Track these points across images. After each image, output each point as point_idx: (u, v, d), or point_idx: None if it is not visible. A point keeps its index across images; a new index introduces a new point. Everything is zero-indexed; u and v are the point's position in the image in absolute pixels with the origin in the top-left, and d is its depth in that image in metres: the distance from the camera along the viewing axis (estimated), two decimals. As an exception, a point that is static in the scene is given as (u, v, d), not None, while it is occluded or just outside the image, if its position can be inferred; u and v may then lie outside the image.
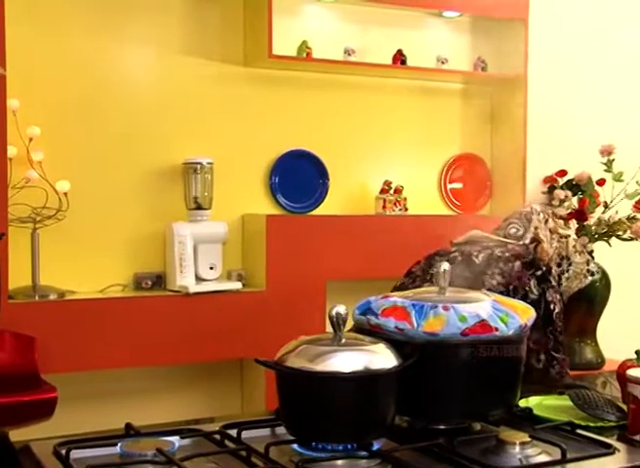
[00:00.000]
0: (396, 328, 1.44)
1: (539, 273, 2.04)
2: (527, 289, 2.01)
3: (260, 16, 3.04)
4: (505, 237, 2.19)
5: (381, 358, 1.36)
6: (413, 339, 1.43)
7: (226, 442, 1.40)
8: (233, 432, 1.42)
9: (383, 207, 3.33)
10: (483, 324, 1.42)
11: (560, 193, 3.60)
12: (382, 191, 3.36)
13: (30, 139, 2.74)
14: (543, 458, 1.34)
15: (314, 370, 1.32)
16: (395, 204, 3.34)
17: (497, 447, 1.37)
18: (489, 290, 1.94)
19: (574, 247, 2.25)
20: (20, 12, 2.76)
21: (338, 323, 1.39)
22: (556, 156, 3.72)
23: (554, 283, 2.05)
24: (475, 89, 3.68)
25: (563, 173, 3.68)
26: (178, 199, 3.03)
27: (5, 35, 2.54)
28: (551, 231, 2.24)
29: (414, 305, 1.46)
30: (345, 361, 1.33)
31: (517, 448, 1.35)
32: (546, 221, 2.25)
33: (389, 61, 3.38)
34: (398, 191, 3.37)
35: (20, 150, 2.71)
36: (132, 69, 3.03)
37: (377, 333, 1.46)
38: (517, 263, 2.04)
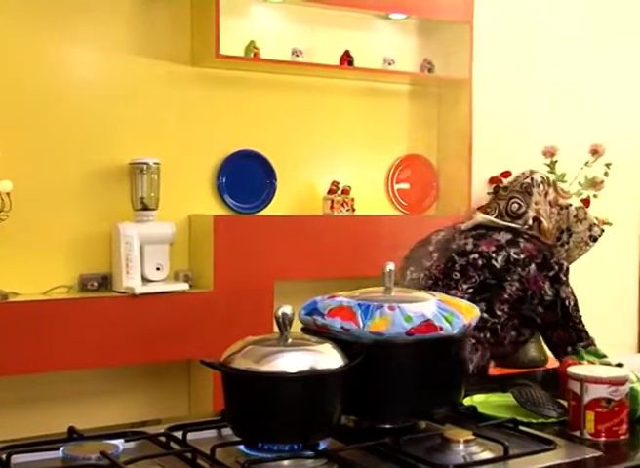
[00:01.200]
0: (342, 328, 1.45)
1: (552, 274, 2.10)
2: (542, 292, 2.08)
3: (208, 15, 3.03)
4: (507, 212, 2.25)
5: (328, 358, 1.36)
6: (359, 339, 1.44)
7: (172, 444, 1.40)
8: (179, 434, 1.41)
9: (331, 207, 3.34)
10: (428, 323, 1.43)
11: (505, 194, 3.66)
12: (330, 192, 3.37)
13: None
14: (487, 455, 1.35)
15: (260, 370, 1.32)
16: (343, 204, 3.36)
17: (441, 445, 1.38)
18: (509, 296, 2.06)
19: (575, 216, 2.29)
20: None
21: (284, 323, 1.39)
22: (501, 157, 3.77)
23: (565, 279, 2.12)
24: (422, 90, 3.71)
25: (507, 174, 3.74)
26: (124, 199, 3.00)
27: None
28: (551, 204, 2.30)
29: (360, 305, 1.46)
30: (291, 361, 1.33)
31: (461, 446, 1.37)
32: (546, 194, 2.30)
33: (337, 62, 3.39)
34: (346, 192, 3.38)
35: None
36: (78, 69, 2.99)
37: (323, 334, 1.47)
38: (532, 267, 2.09)
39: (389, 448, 1.36)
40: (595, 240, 2.32)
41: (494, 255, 2.12)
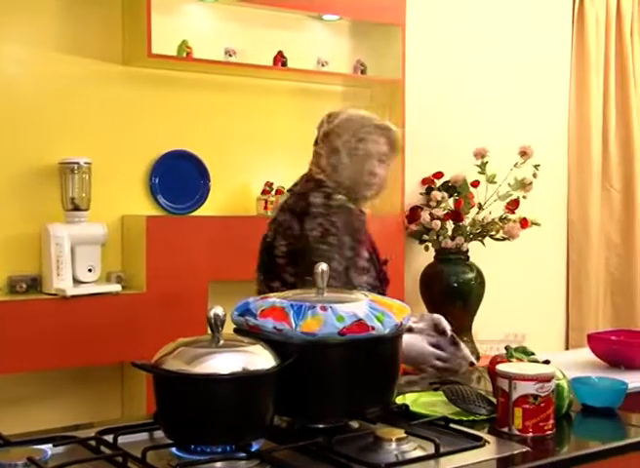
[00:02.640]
0: (275, 328, 1.45)
1: (299, 210, 2.19)
2: (290, 229, 2.19)
3: (139, 14, 2.99)
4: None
5: (260, 359, 1.36)
6: (291, 340, 1.44)
7: (102, 448, 1.38)
8: (109, 437, 1.40)
9: (265, 207, 3.34)
10: (360, 323, 1.44)
11: (437, 194, 3.72)
12: (264, 192, 3.36)
13: None
14: (418, 453, 1.37)
15: (191, 372, 1.31)
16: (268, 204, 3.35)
17: (374, 444, 1.40)
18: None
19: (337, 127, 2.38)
20: None
21: (216, 324, 1.39)
22: (433, 158, 3.82)
23: (317, 211, 2.17)
24: (355, 91, 3.73)
25: (439, 174, 3.79)
26: (54, 200, 2.94)
27: None
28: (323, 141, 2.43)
29: (292, 306, 1.46)
30: (223, 362, 1.33)
31: (393, 445, 1.38)
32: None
33: (270, 63, 3.39)
34: (279, 192, 3.38)
35: None
36: (6, 67, 2.92)
37: (255, 334, 1.47)
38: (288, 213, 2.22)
39: (322, 447, 1.37)
40: (362, 140, 2.29)
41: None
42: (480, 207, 3.73)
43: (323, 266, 1.57)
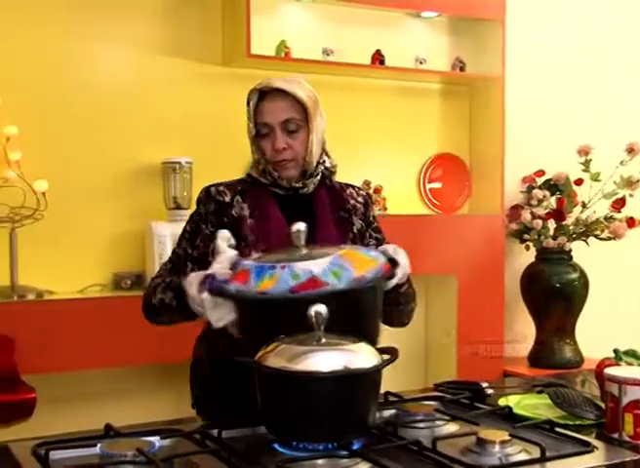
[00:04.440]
0: (237, 291, 1.46)
1: None
2: None
3: (239, 15, 3.04)
4: None
5: (361, 357, 1.35)
6: (248, 299, 1.45)
7: (207, 442, 1.40)
8: (214, 432, 1.42)
9: (363, 206, 3.33)
10: (313, 279, 1.42)
11: (538, 193, 3.63)
12: (362, 191, 3.36)
13: (8, 139, 2.72)
14: (523, 457, 1.34)
15: (293, 369, 1.31)
16: (375, 204, 3.34)
17: (477, 445, 1.37)
18: None
19: None
20: (-3, 10, 2.74)
21: (317, 322, 1.39)
22: (535, 156, 3.74)
23: None
24: (453, 89, 3.69)
25: (541, 173, 3.71)
26: (157, 199, 3.02)
27: (-18, 34, 2.52)
28: None
29: (256, 267, 1.47)
30: (325, 360, 1.33)
31: (497, 447, 1.35)
32: None
33: (368, 61, 3.39)
34: (377, 191, 3.37)
35: (-4, 150, 2.69)
36: (111, 69, 3.01)
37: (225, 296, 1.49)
38: None
39: (424, 447, 1.35)
40: None
41: None
42: (584, 205, 3.63)
43: (300, 226, 1.55)
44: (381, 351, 1.41)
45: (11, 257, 2.75)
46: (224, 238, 1.60)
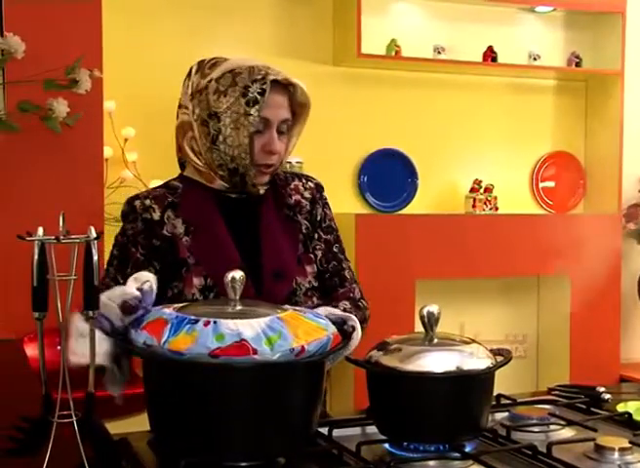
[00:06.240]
0: (145, 343, 1.20)
1: None
2: None
3: (350, 15, 3.05)
4: None
5: (475, 358, 1.33)
6: (158, 358, 1.19)
7: (317, 440, 1.40)
8: (324, 430, 1.42)
9: (473, 206, 3.29)
10: (241, 344, 1.15)
11: (658, 192, 3.50)
12: (472, 190, 3.31)
13: (125, 140, 2.81)
14: (644, 465, 1.29)
15: (406, 369, 1.31)
16: (485, 203, 3.30)
17: (595, 452, 1.32)
18: None
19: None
20: (116, 15, 2.83)
21: (429, 322, 1.37)
22: (654, 154, 3.61)
23: None
24: (569, 85, 3.60)
25: (661, 171, 3.57)
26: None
27: (102, 39, 2.61)
28: None
29: (177, 318, 1.20)
30: (437, 361, 1.31)
31: (616, 455, 1.30)
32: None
33: (480, 59, 3.34)
34: (488, 190, 3.32)
35: (115, 151, 2.79)
36: (223, 70, 3.07)
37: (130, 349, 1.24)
38: None
39: (539, 452, 1.32)
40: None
41: None
42: None
43: (235, 274, 1.27)
44: (494, 352, 1.38)
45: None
46: (140, 280, 1.28)
